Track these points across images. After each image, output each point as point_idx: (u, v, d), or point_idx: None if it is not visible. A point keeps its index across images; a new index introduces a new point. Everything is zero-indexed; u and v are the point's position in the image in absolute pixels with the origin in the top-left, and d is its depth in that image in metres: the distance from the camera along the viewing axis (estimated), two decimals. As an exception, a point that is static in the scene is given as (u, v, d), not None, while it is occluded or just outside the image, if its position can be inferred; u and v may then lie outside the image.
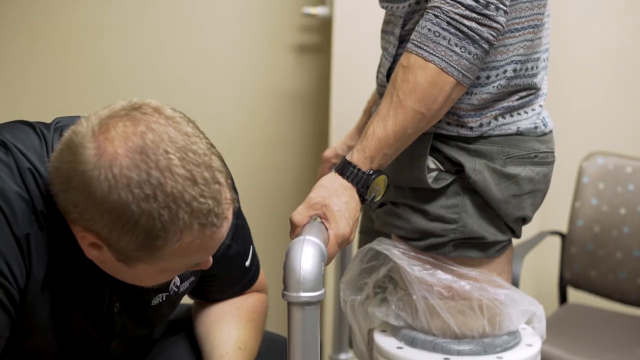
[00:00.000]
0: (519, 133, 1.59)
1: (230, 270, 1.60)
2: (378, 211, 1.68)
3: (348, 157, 1.50)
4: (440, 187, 1.57)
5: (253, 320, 1.65)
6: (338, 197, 1.47)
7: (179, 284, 1.51)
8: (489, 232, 1.59)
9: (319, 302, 1.31)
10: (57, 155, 1.27)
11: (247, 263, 1.63)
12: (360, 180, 1.49)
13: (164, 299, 1.50)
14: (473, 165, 1.56)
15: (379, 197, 1.54)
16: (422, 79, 1.45)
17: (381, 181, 1.52)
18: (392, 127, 1.47)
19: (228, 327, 1.60)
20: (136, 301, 1.46)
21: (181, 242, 1.24)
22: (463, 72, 1.46)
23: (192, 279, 1.55)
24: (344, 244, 1.47)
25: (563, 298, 2.88)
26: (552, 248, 3.10)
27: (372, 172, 1.49)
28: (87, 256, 1.31)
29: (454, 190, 1.58)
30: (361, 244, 1.99)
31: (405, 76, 1.46)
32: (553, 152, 1.64)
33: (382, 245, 1.65)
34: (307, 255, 1.32)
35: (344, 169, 1.49)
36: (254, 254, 1.66)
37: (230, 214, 1.28)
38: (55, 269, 1.32)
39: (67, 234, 1.30)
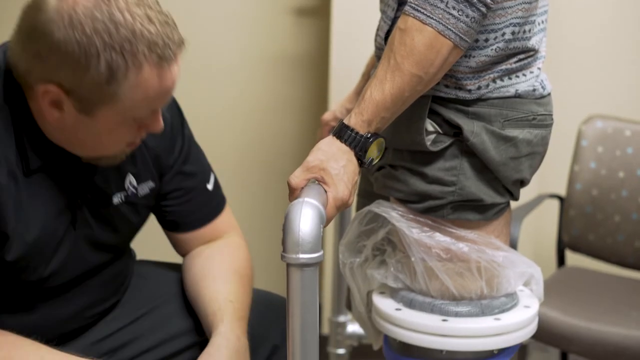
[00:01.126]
0: (517, 96, 1.59)
1: (192, 189, 1.71)
2: (376, 174, 1.68)
3: (346, 121, 1.50)
4: (439, 149, 1.58)
5: (238, 272, 1.70)
6: (336, 160, 1.47)
7: (135, 184, 1.61)
8: (487, 194, 1.59)
9: (317, 264, 1.32)
10: (20, 18, 1.40)
11: (210, 187, 1.75)
12: (358, 144, 1.49)
13: (123, 199, 1.59)
14: (471, 128, 1.56)
15: (377, 160, 1.55)
16: (419, 42, 1.45)
17: (379, 144, 1.53)
18: (389, 90, 1.47)
19: (214, 282, 1.66)
20: (97, 197, 1.56)
21: (141, 75, 1.37)
22: (460, 35, 1.46)
23: (151, 184, 1.64)
24: (342, 207, 1.48)
25: (561, 261, 2.90)
26: (550, 211, 3.11)
27: (369, 135, 1.49)
28: (48, 121, 1.42)
29: (452, 152, 1.58)
30: (359, 207, 2.00)
31: (403, 39, 1.46)
32: (551, 115, 1.64)
33: (380, 207, 1.65)
34: (305, 217, 1.33)
35: (342, 132, 1.49)
36: (217, 183, 1.79)
37: (179, 59, 1.43)
38: (19, 149, 1.43)
39: (28, 116, 1.43)
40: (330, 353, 2.41)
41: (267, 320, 1.79)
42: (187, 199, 1.72)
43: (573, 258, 2.99)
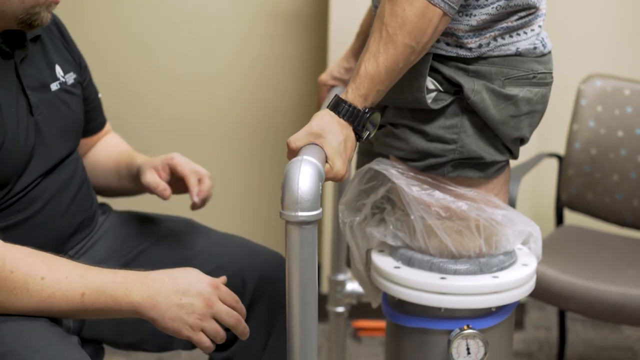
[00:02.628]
0: (518, 54, 1.58)
1: (95, 96, 1.91)
2: (377, 133, 1.68)
3: (342, 96, 1.52)
4: (439, 107, 1.58)
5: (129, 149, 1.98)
6: (336, 134, 1.48)
7: (63, 74, 1.75)
8: (487, 152, 1.59)
9: (316, 222, 1.32)
10: None
11: (99, 95, 1.94)
12: (356, 119, 1.50)
13: (58, 86, 1.72)
14: (472, 86, 1.55)
15: (373, 134, 1.56)
16: (410, 12, 1.46)
17: (375, 119, 1.55)
18: (383, 62, 1.48)
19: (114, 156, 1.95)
20: (38, 84, 1.67)
21: None
22: (449, 3, 1.47)
23: (75, 75, 1.79)
24: (336, 180, 1.49)
25: (559, 220, 2.90)
26: (549, 170, 3.11)
27: (367, 110, 1.51)
28: None
29: (453, 110, 1.58)
30: (359, 164, 2.00)
31: (394, 10, 1.47)
32: (551, 73, 1.64)
33: (380, 165, 1.65)
34: (304, 175, 1.33)
35: (340, 107, 1.50)
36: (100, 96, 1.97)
37: None
38: None
39: None
40: (330, 311, 2.42)
41: (266, 277, 1.81)
42: (94, 106, 1.91)
43: (571, 217, 3.00)
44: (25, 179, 1.62)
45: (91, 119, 1.91)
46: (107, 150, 1.96)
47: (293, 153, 1.47)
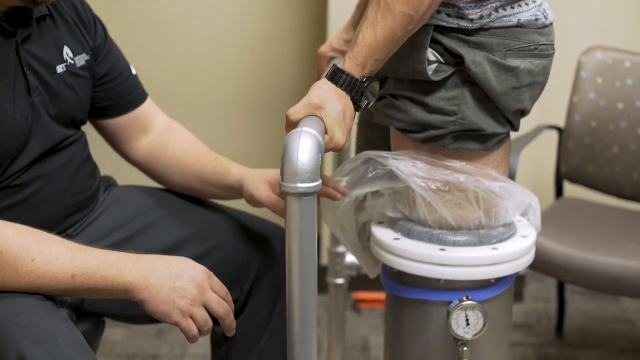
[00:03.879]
0: (520, 25, 1.58)
1: (121, 72, 1.84)
2: (377, 104, 1.67)
3: (340, 66, 1.51)
4: (440, 79, 1.57)
5: (197, 140, 1.92)
6: (335, 105, 1.48)
7: (72, 56, 1.70)
8: (488, 124, 1.59)
9: (316, 193, 1.32)
10: None
11: (134, 72, 1.88)
12: (354, 88, 1.50)
13: (65, 69, 1.68)
14: (473, 58, 1.55)
15: (372, 104, 1.55)
16: None
17: (374, 88, 1.54)
18: (381, 32, 1.47)
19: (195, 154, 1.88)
20: (42, 66, 1.64)
21: None
22: None
23: (86, 57, 1.74)
24: (336, 151, 1.48)
25: (559, 192, 2.90)
26: (549, 142, 3.11)
27: (365, 79, 1.50)
28: None
29: (454, 82, 1.57)
30: (360, 136, 2.01)
31: None
32: (553, 45, 1.63)
33: (375, 153, 1.65)
34: (304, 147, 1.33)
35: (337, 77, 1.50)
36: (136, 73, 1.90)
37: None
38: None
39: None
40: (330, 283, 2.42)
41: (272, 251, 1.81)
42: (118, 83, 1.83)
43: (571, 189, 3.00)
44: (21, 160, 1.61)
45: (124, 93, 1.85)
46: (182, 149, 1.89)
47: (293, 125, 1.46)
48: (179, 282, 1.47)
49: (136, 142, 1.88)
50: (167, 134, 1.90)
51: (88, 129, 1.84)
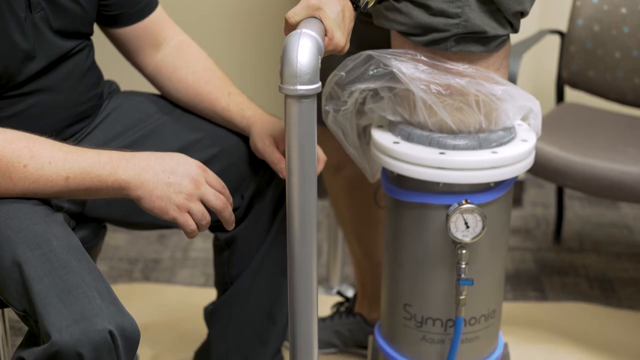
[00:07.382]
0: None
1: None
2: (378, 7, 1.65)
3: None
4: (442, -20, 1.55)
5: (213, 67, 1.85)
6: (334, 5, 1.45)
7: None
8: (490, 26, 1.57)
9: (315, 96, 1.32)
10: None
11: None
12: None
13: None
14: (475, -42, 1.53)
15: (371, 4, 1.53)
16: None
17: None
18: None
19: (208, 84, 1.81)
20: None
21: None
22: None
23: None
24: (336, 52, 1.47)
25: (560, 97, 2.89)
26: (551, 47, 3.09)
27: None
28: None
29: (456, -17, 1.55)
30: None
31: None
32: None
33: (375, 52, 1.63)
34: (304, 49, 1.31)
35: None
36: None
37: None
38: None
39: None
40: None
41: (255, 159, 1.80)
42: None
43: (572, 94, 2.98)
44: (22, 75, 1.58)
45: (133, 2, 1.78)
46: (194, 74, 1.82)
47: (292, 27, 1.45)
48: (173, 178, 1.47)
49: (147, 56, 1.84)
50: (179, 54, 1.84)
51: (98, 36, 1.81)
